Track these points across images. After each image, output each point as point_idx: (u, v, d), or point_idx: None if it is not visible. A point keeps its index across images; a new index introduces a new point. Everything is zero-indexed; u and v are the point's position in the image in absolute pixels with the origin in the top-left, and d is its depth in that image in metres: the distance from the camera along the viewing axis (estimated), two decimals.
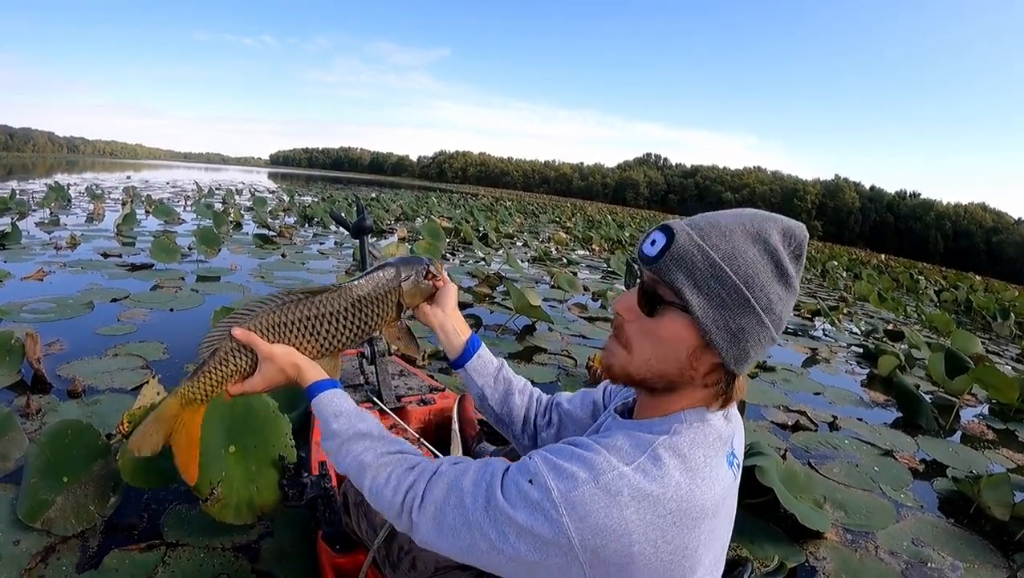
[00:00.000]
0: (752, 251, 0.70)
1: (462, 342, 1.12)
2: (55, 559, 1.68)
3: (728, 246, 0.69)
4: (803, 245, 0.72)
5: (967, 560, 2.36)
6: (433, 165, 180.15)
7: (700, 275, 0.69)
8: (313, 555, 1.76)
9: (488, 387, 1.12)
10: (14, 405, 2.51)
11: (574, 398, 1.13)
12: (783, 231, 0.72)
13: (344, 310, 1.02)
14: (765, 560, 2.11)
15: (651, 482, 0.67)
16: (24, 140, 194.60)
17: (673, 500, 0.67)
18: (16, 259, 5.63)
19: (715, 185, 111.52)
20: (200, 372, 0.98)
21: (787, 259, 0.71)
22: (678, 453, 0.70)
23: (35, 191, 13.81)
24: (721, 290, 0.69)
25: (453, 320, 1.13)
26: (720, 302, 0.69)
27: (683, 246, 0.70)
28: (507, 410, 1.13)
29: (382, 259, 1.09)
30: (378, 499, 0.85)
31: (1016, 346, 8.91)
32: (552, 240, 14.45)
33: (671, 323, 0.72)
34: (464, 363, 1.12)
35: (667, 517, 0.66)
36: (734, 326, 0.70)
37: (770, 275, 0.70)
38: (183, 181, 28.11)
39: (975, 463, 3.41)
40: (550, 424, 1.11)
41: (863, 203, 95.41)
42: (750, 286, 0.69)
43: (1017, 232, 77.95)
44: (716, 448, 0.74)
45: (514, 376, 1.16)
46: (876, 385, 4.93)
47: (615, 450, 0.70)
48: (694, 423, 0.74)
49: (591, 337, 5.04)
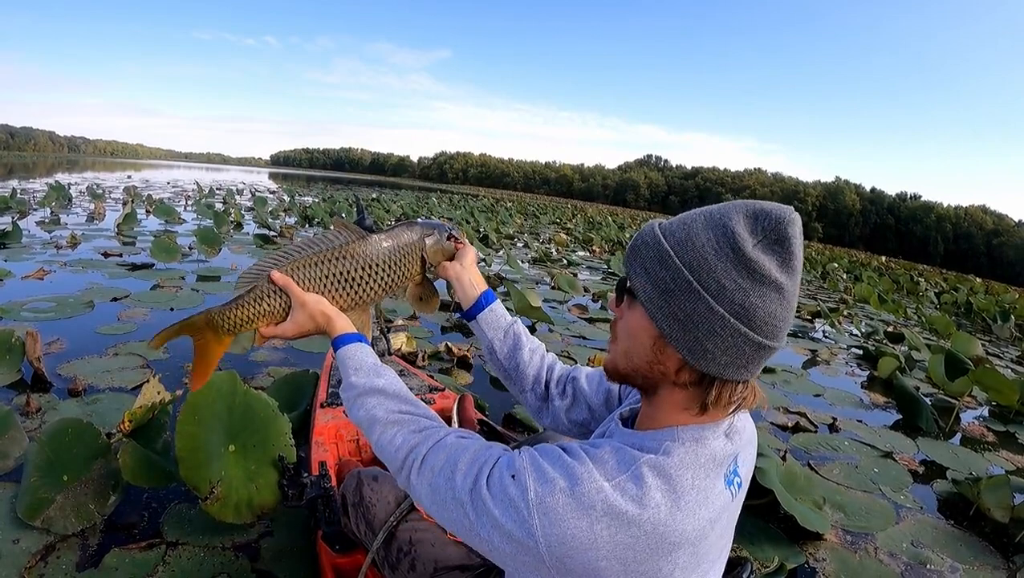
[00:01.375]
0: (704, 236, 0.67)
1: (476, 294, 1.14)
2: (55, 558, 1.68)
3: (682, 234, 0.69)
4: (781, 229, 0.66)
5: (966, 562, 2.36)
6: (434, 166, 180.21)
7: (649, 263, 0.70)
8: (313, 555, 1.76)
9: (497, 340, 1.13)
10: (14, 403, 2.51)
11: (592, 377, 1.12)
12: (753, 215, 0.67)
13: (374, 265, 1.04)
14: (765, 561, 2.11)
15: (628, 502, 0.65)
16: (25, 139, 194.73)
17: (649, 522, 0.65)
18: (17, 258, 5.64)
19: (715, 187, 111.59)
20: (234, 303, 1.00)
21: (751, 245, 0.66)
22: (663, 474, 0.68)
23: (36, 190, 13.83)
24: (665, 275, 0.68)
25: (471, 273, 1.15)
26: (664, 288, 0.68)
27: (642, 238, 0.73)
28: (514, 364, 1.13)
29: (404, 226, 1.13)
30: (382, 453, 0.87)
31: (1016, 348, 8.91)
32: (552, 241, 14.46)
33: (634, 313, 0.74)
34: (476, 314, 1.14)
35: (641, 539, 0.65)
36: (681, 314, 0.68)
37: (725, 261, 0.66)
38: (184, 181, 28.12)
39: (975, 465, 3.41)
40: (564, 395, 1.12)
41: (864, 205, 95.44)
42: (694, 270, 0.66)
43: (1018, 235, 77.92)
44: (708, 470, 0.71)
45: (527, 335, 1.17)
46: (876, 387, 4.93)
47: (600, 463, 0.69)
48: (687, 442, 0.72)
49: (591, 338, 5.04)
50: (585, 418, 1.09)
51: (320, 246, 1.03)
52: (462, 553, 1.27)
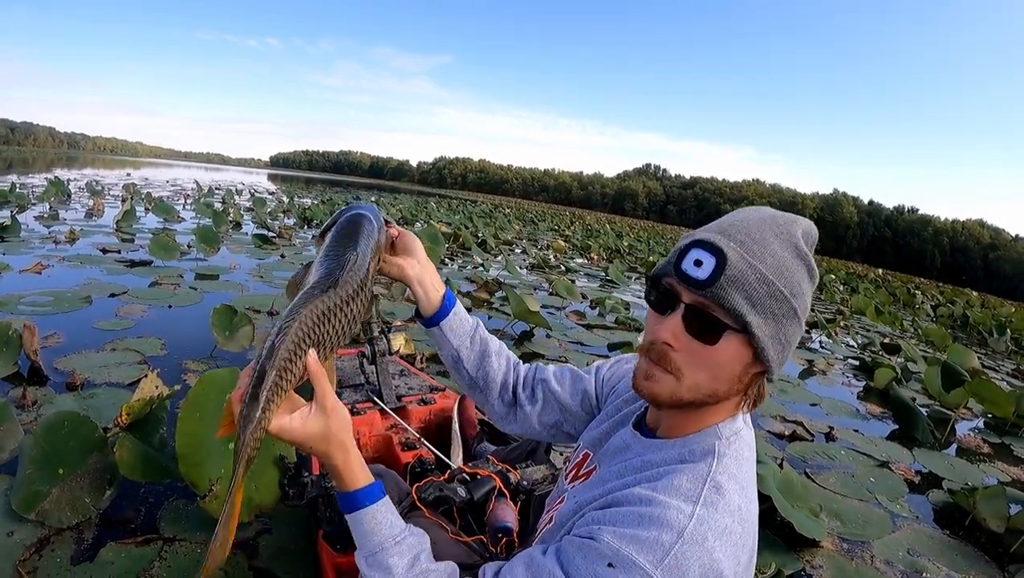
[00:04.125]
0: (791, 260, 0.70)
1: (439, 297, 1.00)
2: (49, 551, 1.66)
3: (773, 260, 0.69)
4: (815, 244, 0.74)
5: (962, 571, 2.36)
6: (433, 171, 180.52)
7: (757, 295, 0.68)
8: (311, 553, 1.75)
9: (464, 348, 1.03)
10: (10, 396, 2.50)
11: (562, 377, 1.07)
12: (804, 232, 0.73)
13: (352, 296, 0.79)
14: (762, 567, 2.11)
15: (722, 514, 0.67)
16: (25, 134, 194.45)
17: (740, 522, 0.68)
18: (15, 252, 5.62)
19: (714, 197, 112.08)
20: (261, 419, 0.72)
21: (812, 262, 0.72)
22: (732, 476, 0.71)
23: (35, 185, 13.79)
24: (775, 306, 0.69)
25: (429, 273, 1.00)
26: (775, 318, 0.70)
27: (736, 267, 0.67)
28: (483, 374, 1.04)
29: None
30: None
31: (1012, 361, 8.94)
32: (551, 248, 14.47)
33: (728, 346, 0.70)
34: (440, 321, 1.01)
35: (741, 536, 0.68)
36: (783, 338, 0.71)
37: (805, 279, 0.71)
38: (183, 180, 28.10)
39: (971, 476, 3.42)
40: (534, 399, 1.06)
41: (861, 218, 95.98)
42: (796, 296, 0.70)
43: (1014, 249, 78.39)
44: (751, 459, 0.76)
45: (490, 336, 1.07)
46: (872, 397, 4.94)
47: (675, 492, 0.69)
48: (730, 437, 0.75)
49: (588, 344, 5.04)
50: (557, 420, 1.06)
51: (315, 291, 0.75)
52: (462, 552, 1.27)
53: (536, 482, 1.61)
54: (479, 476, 1.52)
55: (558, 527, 0.80)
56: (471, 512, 1.46)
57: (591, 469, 0.88)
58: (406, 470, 1.78)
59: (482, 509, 1.46)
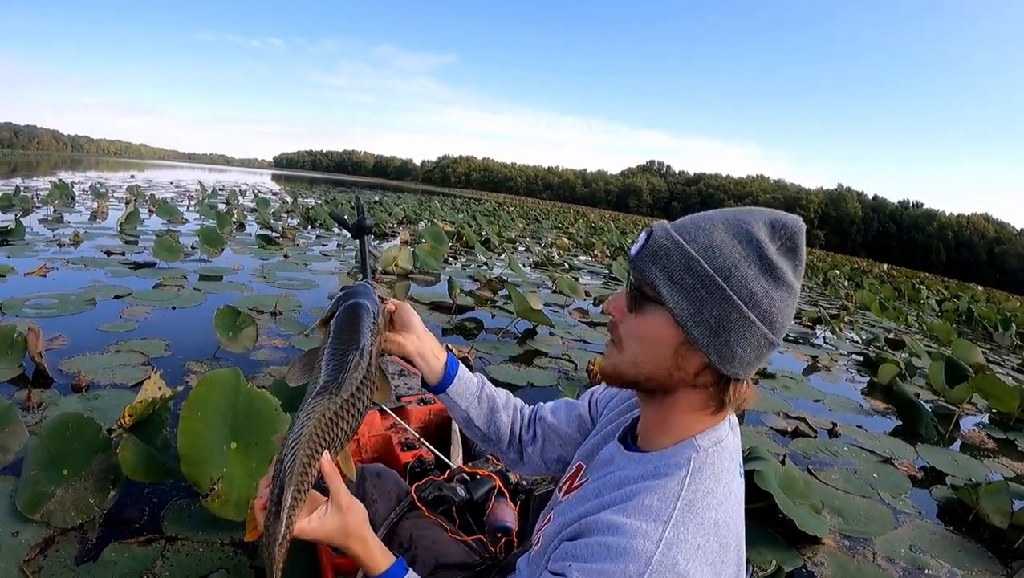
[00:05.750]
0: (731, 243, 0.68)
1: (442, 365, 1.04)
2: (54, 551, 1.68)
3: (705, 239, 0.69)
4: (796, 238, 0.69)
5: (965, 567, 2.36)
6: (436, 169, 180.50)
7: (674, 268, 0.69)
8: (312, 553, 1.76)
9: (473, 408, 1.06)
10: (15, 398, 2.52)
11: (557, 410, 1.09)
12: (770, 223, 0.69)
13: (357, 394, 0.80)
14: (763, 564, 2.11)
15: (694, 534, 0.66)
16: (29, 137, 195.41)
17: (716, 538, 0.67)
18: (19, 255, 5.66)
19: (718, 193, 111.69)
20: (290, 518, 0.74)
21: (774, 252, 0.68)
22: (708, 491, 0.69)
23: (39, 188, 13.86)
24: (696, 282, 0.68)
25: (429, 343, 1.03)
26: (696, 295, 0.68)
27: (658, 241, 0.70)
28: (494, 429, 1.08)
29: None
30: None
31: (1017, 356, 8.90)
32: (554, 245, 14.48)
33: (653, 320, 0.71)
34: (446, 387, 1.04)
35: (719, 552, 0.67)
36: (712, 320, 0.68)
37: (754, 268, 0.68)
38: (187, 181, 28.18)
39: (974, 471, 3.41)
40: (535, 439, 1.08)
41: (866, 213, 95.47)
42: (727, 277, 0.67)
43: (1020, 243, 77.86)
44: (732, 469, 0.74)
45: (495, 390, 1.10)
46: (876, 393, 4.93)
47: (645, 514, 0.67)
48: (709, 449, 0.73)
49: (592, 341, 5.04)
50: (560, 454, 1.07)
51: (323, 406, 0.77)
52: (462, 551, 1.28)
53: (535, 482, 1.62)
54: (479, 476, 1.53)
55: (542, 550, 0.80)
56: (471, 512, 1.46)
57: (584, 481, 0.87)
58: (406, 470, 1.79)
59: (482, 509, 1.47)
